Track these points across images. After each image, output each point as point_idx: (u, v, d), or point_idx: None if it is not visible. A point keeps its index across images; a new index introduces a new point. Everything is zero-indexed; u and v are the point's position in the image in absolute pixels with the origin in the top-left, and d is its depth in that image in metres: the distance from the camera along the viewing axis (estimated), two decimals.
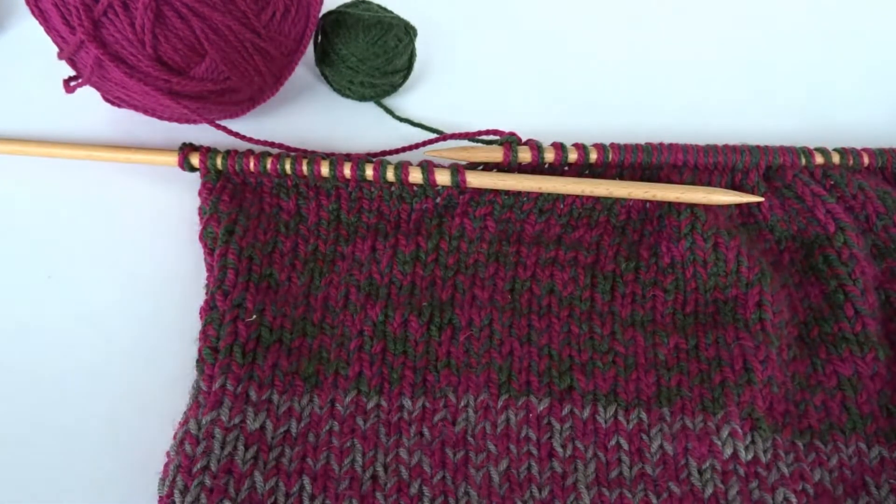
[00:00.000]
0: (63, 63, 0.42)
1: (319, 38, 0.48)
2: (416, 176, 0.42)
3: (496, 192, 0.42)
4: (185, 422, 0.37)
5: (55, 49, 0.41)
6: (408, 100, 0.50)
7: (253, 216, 0.42)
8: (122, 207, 0.45)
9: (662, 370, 0.40)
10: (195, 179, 0.44)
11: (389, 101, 0.50)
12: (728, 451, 0.38)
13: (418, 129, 0.48)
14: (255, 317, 0.39)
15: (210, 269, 0.41)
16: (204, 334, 0.39)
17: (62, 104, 0.47)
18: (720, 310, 0.42)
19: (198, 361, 0.38)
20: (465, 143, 0.46)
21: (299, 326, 0.40)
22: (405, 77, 0.49)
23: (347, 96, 0.50)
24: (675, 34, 0.55)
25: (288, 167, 0.42)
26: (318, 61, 0.49)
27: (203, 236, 0.41)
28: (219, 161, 0.42)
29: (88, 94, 0.46)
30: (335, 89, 0.50)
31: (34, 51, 0.46)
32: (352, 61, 0.46)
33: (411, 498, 0.37)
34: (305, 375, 0.39)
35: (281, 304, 0.40)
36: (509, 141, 0.42)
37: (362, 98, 0.49)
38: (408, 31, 0.47)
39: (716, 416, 0.39)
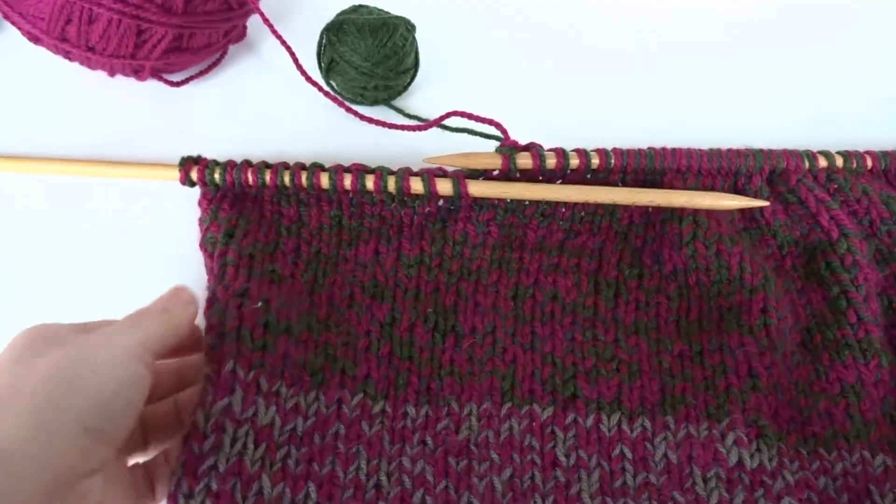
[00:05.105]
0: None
1: (324, 49, 0.48)
2: (417, 187, 0.42)
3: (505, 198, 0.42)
4: (193, 410, 0.34)
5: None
6: (407, 101, 0.50)
7: (253, 221, 0.42)
8: (122, 221, 0.45)
9: (667, 377, 0.40)
10: (195, 190, 0.43)
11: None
12: (733, 459, 0.37)
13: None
14: (260, 304, 0.38)
15: (211, 272, 0.40)
16: (208, 325, 0.37)
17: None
18: (724, 316, 0.41)
19: (204, 353, 0.36)
20: (466, 148, 0.45)
21: (304, 321, 0.39)
22: (414, 75, 0.49)
23: (360, 103, 0.49)
24: (679, 38, 0.55)
25: (287, 180, 0.41)
26: (325, 73, 0.49)
27: (203, 242, 0.41)
28: (217, 175, 0.41)
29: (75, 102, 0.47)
30: (346, 98, 0.49)
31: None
32: (365, 66, 0.46)
33: None
34: (312, 370, 0.38)
35: (285, 297, 0.39)
36: (507, 153, 0.42)
37: (375, 102, 0.49)
38: (409, 28, 0.47)
39: (721, 424, 0.38)
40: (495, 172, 0.42)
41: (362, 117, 0.48)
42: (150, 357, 0.31)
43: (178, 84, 0.50)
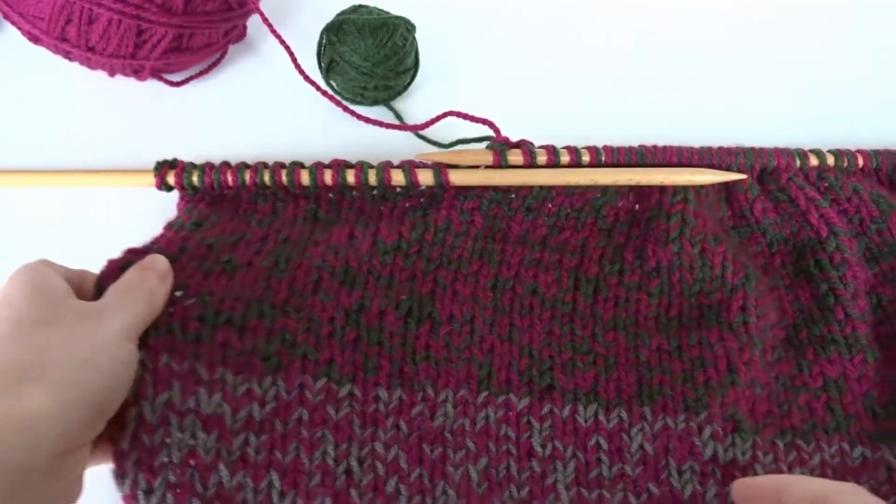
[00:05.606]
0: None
1: (324, 48, 0.49)
2: (398, 178, 0.42)
3: (484, 186, 0.42)
4: (135, 402, 0.34)
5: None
6: (407, 101, 0.51)
7: (225, 216, 0.42)
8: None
9: (644, 370, 0.40)
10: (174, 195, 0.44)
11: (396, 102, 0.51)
12: (708, 453, 0.37)
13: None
14: (195, 300, 0.37)
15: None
16: None
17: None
18: (704, 314, 0.41)
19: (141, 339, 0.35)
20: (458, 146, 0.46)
21: (255, 308, 0.38)
22: (414, 75, 0.50)
23: (360, 103, 0.50)
24: (680, 38, 0.56)
25: (267, 178, 0.42)
26: (325, 73, 0.49)
27: (171, 224, 0.40)
28: (195, 178, 0.42)
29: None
30: (346, 98, 0.50)
31: None
32: (365, 66, 0.47)
33: (388, 497, 0.36)
34: (265, 356, 0.37)
35: (237, 287, 0.38)
36: (498, 149, 0.42)
37: (375, 102, 0.50)
38: (409, 28, 0.48)
39: (698, 416, 0.38)
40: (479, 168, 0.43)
41: (360, 117, 0.48)
42: (136, 336, 0.34)
43: (178, 84, 0.50)
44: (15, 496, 0.27)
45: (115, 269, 0.36)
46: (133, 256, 0.37)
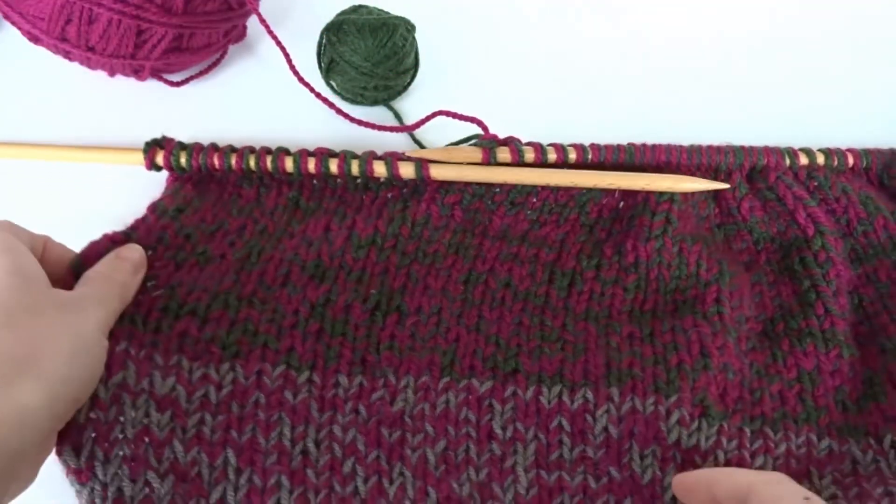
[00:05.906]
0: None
1: (324, 48, 0.49)
2: (380, 170, 0.42)
3: (466, 181, 0.43)
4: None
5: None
6: (407, 101, 0.51)
7: (209, 202, 0.42)
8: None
9: (614, 353, 0.39)
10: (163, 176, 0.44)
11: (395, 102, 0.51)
12: (673, 438, 0.37)
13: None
14: (162, 290, 0.38)
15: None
16: None
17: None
18: (679, 308, 0.41)
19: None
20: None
21: (221, 299, 0.38)
22: (414, 75, 0.50)
23: (360, 103, 0.50)
24: (669, 40, 0.56)
25: (252, 163, 0.42)
26: (325, 73, 0.50)
27: (153, 207, 0.41)
28: (183, 159, 0.43)
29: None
30: (346, 98, 0.50)
31: None
32: (365, 67, 0.47)
33: (344, 477, 0.36)
34: (224, 344, 0.37)
35: (206, 279, 0.39)
36: (488, 146, 0.43)
37: (375, 102, 0.50)
38: (409, 28, 0.48)
39: (668, 400, 0.38)
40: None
41: (352, 119, 0.48)
42: (109, 329, 0.35)
43: (178, 84, 0.51)
44: (3, 481, 0.29)
45: (95, 255, 0.37)
46: (112, 244, 0.38)
